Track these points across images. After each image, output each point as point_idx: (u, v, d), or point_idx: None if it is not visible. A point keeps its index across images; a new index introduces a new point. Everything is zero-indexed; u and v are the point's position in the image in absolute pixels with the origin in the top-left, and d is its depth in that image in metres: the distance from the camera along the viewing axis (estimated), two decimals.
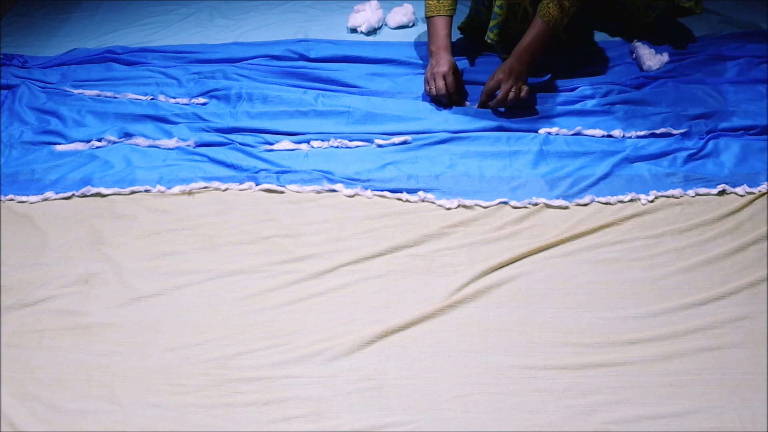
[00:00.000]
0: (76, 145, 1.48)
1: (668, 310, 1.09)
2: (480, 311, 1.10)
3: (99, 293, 1.15)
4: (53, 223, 1.28)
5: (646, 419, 0.95)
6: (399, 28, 1.90)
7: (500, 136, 1.45)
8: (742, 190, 1.30)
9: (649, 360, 1.02)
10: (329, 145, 1.46)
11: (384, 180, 1.36)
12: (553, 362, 1.02)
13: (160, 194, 1.34)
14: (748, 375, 1.00)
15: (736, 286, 1.11)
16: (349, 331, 1.08)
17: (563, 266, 1.17)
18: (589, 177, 1.34)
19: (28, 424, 0.96)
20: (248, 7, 2.03)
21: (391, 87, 1.63)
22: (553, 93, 1.60)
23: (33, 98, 1.62)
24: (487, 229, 1.24)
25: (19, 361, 1.05)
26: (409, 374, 1.01)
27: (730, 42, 1.75)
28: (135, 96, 1.63)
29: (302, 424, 0.96)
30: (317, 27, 1.91)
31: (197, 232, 1.26)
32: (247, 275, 1.17)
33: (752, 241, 1.19)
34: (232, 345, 1.06)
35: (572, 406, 0.97)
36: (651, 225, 1.24)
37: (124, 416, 0.97)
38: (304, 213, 1.29)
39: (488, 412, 0.96)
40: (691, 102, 1.54)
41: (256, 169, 1.39)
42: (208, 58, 1.76)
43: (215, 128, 1.50)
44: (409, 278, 1.16)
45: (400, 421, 0.96)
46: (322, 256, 1.20)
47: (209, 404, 0.98)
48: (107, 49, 1.79)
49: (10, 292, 1.15)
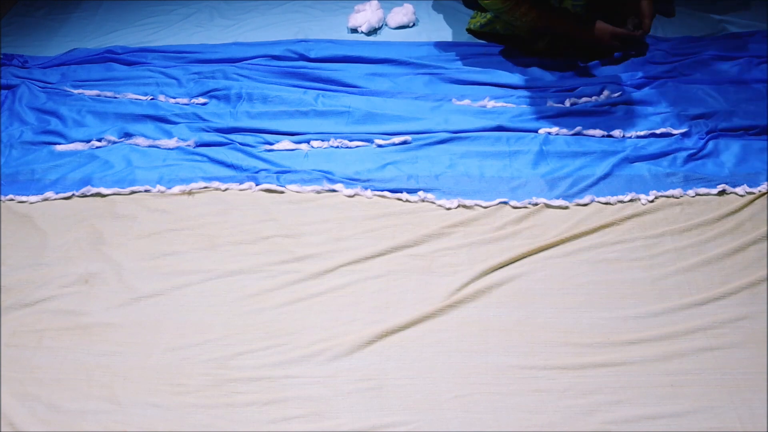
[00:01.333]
0: (76, 145, 1.48)
1: (668, 310, 1.09)
2: (480, 311, 1.10)
3: (99, 293, 1.15)
4: (53, 223, 1.28)
5: (646, 419, 0.95)
6: (399, 28, 1.90)
7: (500, 136, 1.45)
8: (742, 190, 1.30)
9: (649, 360, 1.02)
10: (329, 145, 1.46)
11: (384, 180, 1.36)
12: (553, 362, 1.02)
13: (160, 194, 1.34)
14: (748, 375, 1.00)
15: (736, 286, 1.11)
16: (349, 331, 1.08)
17: (563, 266, 1.17)
18: (589, 177, 1.34)
19: (28, 424, 0.96)
20: (248, 7, 2.03)
21: (391, 87, 1.63)
22: (554, 93, 1.60)
23: (33, 98, 1.62)
24: (487, 229, 1.24)
25: (19, 361, 1.05)
26: (409, 374, 1.01)
27: (730, 42, 1.75)
28: (135, 96, 1.63)
29: (302, 424, 0.96)
30: (317, 27, 1.91)
31: (197, 232, 1.26)
32: (247, 275, 1.17)
33: (752, 241, 1.19)
34: (232, 345, 1.06)
35: (572, 406, 0.97)
36: (651, 225, 1.24)
37: (124, 416, 0.97)
38: (304, 213, 1.29)
39: (488, 412, 0.96)
40: (691, 102, 1.54)
41: (256, 169, 1.39)
42: (208, 58, 1.76)
43: (215, 128, 1.50)
44: (409, 278, 1.16)
45: (400, 421, 0.96)
46: (322, 256, 1.20)
47: (209, 404, 0.98)
48: (107, 49, 1.79)
49: (10, 292, 1.15)
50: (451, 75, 1.66)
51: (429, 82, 1.65)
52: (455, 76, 1.66)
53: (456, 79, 1.65)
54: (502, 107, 1.55)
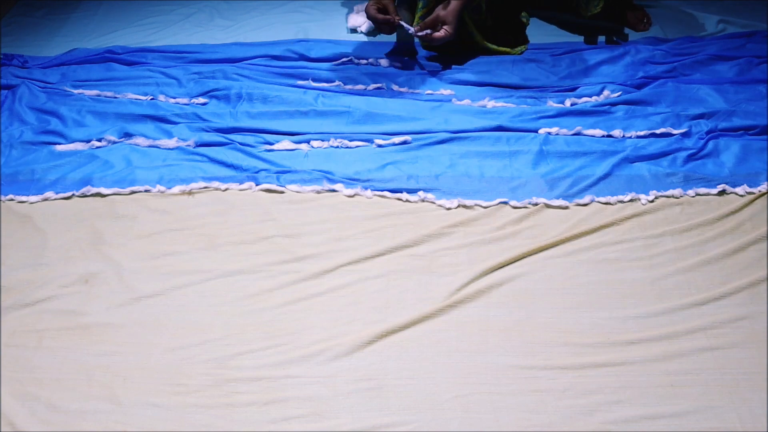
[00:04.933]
0: (76, 145, 1.48)
1: (668, 310, 1.09)
2: (480, 311, 1.10)
3: (99, 293, 1.15)
4: (53, 223, 1.28)
5: (646, 419, 0.95)
6: None
7: (500, 136, 1.45)
8: (742, 190, 1.30)
9: (649, 360, 1.02)
10: (329, 145, 1.46)
11: (384, 180, 1.36)
12: (553, 362, 1.02)
13: (160, 194, 1.34)
14: (748, 375, 1.00)
15: (736, 286, 1.11)
16: (349, 331, 1.08)
17: (563, 266, 1.17)
18: (589, 177, 1.34)
19: (28, 424, 0.96)
20: (248, 8, 2.03)
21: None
22: (554, 93, 1.60)
23: (33, 98, 1.62)
24: (487, 229, 1.24)
25: (19, 361, 1.05)
26: (409, 374, 1.01)
27: (730, 42, 1.75)
28: (135, 96, 1.62)
29: (302, 424, 0.96)
30: (317, 27, 1.91)
31: (197, 232, 1.26)
32: (247, 275, 1.17)
33: (752, 241, 1.19)
34: (232, 345, 1.06)
35: (572, 406, 0.97)
36: (651, 225, 1.24)
37: (124, 416, 0.97)
38: (304, 213, 1.29)
39: (488, 412, 0.96)
40: (691, 102, 1.54)
41: (256, 169, 1.39)
42: (208, 58, 1.75)
43: (215, 128, 1.50)
44: (409, 278, 1.16)
45: (400, 421, 0.96)
46: (322, 256, 1.20)
47: (209, 404, 0.98)
48: (107, 49, 1.79)
49: (10, 292, 1.15)
50: (451, 75, 1.66)
51: (429, 82, 1.65)
52: (455, 76, 1.66)
53: (456, 79, 1.65)
54: (502, 107, 1.55)
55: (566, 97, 1.57)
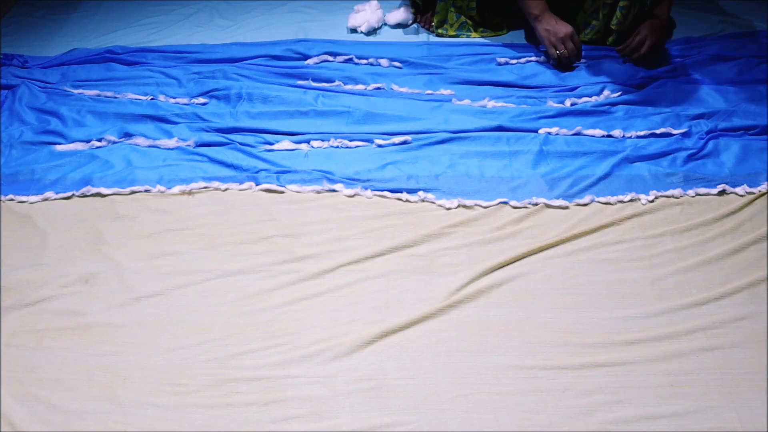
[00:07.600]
0: (76, 145, 1.48)
1: (668, 310, 1.09)
2: (480, 311, 1.10)
3: (99, 293, 1.15)
4: (53, 223, 1.28)
5: (646, 419, 0.95)
6: (398, 26, 1.90)
7: (500, 136, 1.45)
8: (742, 190, 1.30)
9: (649, 360, 1.02)
10: (329, 145, 1.46)
11: (384, 180, 1.36)
12: (553, 362, 1.02)
13: (160, 194, 1.34)
14: (748, 375, 1.00)
15: (736, 286, 1.11)
16: (349, 331, 1.08)
17: (563, 266, 1.17)
18: (589, 177, 1.34)
19: (28, 424, 0.96)
20: (248, 7, 2.03)
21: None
22: (554, 93, 1.60)
23: (33, 98, 1.62)
24: (487, 229, 1.24)
25: (19, 361, 1.05)
26: (409, 374, 1.01)
27: (730, 42, 1.75)
28: (135, 96, 1.62)
29: (302, 424, 0.96)
30: (317, 27, 1.91)
31: (197, 232, 1.26)
32: (247, 275, 1.17)
33: (752, 241, 1.19)
34: (232, 345, 1.06)
35: (572, 406, 0.97)
36: (651, 225, 1.24)
37: (124, 416, 0.97)
38: (304, 213, 1.29)
39: (488, 412, 0.96)
40: (691, 102, 1.54)
41: (256, 169, 1.39)
42: (208, 58, 1.76)
43: (215, 128, 1.50)
44: (409, 278, 1.16)
45: (400, 421, 0.96)
46: (322, 256, 1.20)
47: (209, 404, 0.98)
48: (107, 49, 1.79)
49: (10, 292, 1.15)
50: (451, 75, 1.67)
51: (429, 82, 1.65)
52: (455, 76, 1.66)
53: (456, 79, 1.65)
54: (502, 107, 1.55)
55: (566, 97, 1.57)
